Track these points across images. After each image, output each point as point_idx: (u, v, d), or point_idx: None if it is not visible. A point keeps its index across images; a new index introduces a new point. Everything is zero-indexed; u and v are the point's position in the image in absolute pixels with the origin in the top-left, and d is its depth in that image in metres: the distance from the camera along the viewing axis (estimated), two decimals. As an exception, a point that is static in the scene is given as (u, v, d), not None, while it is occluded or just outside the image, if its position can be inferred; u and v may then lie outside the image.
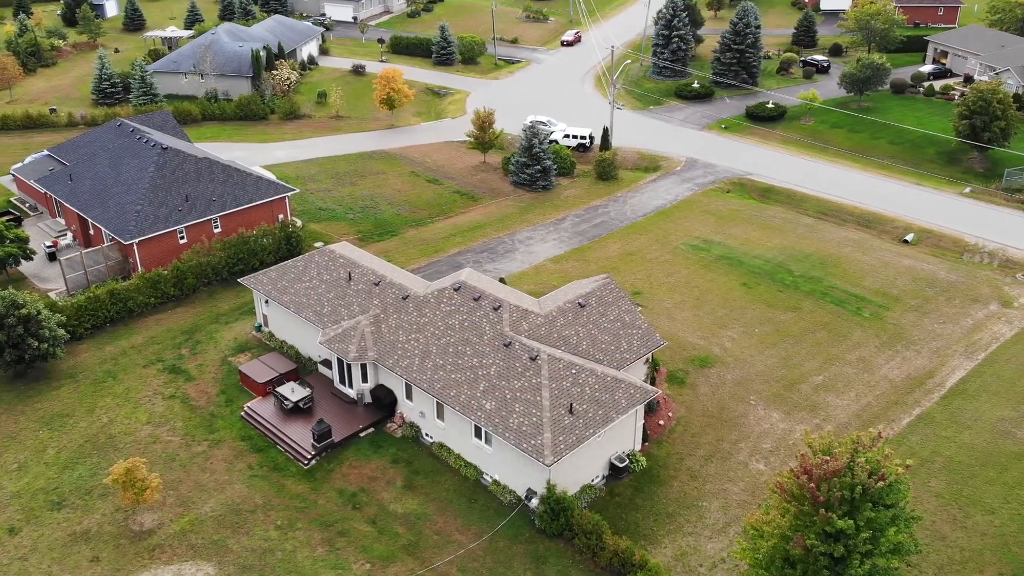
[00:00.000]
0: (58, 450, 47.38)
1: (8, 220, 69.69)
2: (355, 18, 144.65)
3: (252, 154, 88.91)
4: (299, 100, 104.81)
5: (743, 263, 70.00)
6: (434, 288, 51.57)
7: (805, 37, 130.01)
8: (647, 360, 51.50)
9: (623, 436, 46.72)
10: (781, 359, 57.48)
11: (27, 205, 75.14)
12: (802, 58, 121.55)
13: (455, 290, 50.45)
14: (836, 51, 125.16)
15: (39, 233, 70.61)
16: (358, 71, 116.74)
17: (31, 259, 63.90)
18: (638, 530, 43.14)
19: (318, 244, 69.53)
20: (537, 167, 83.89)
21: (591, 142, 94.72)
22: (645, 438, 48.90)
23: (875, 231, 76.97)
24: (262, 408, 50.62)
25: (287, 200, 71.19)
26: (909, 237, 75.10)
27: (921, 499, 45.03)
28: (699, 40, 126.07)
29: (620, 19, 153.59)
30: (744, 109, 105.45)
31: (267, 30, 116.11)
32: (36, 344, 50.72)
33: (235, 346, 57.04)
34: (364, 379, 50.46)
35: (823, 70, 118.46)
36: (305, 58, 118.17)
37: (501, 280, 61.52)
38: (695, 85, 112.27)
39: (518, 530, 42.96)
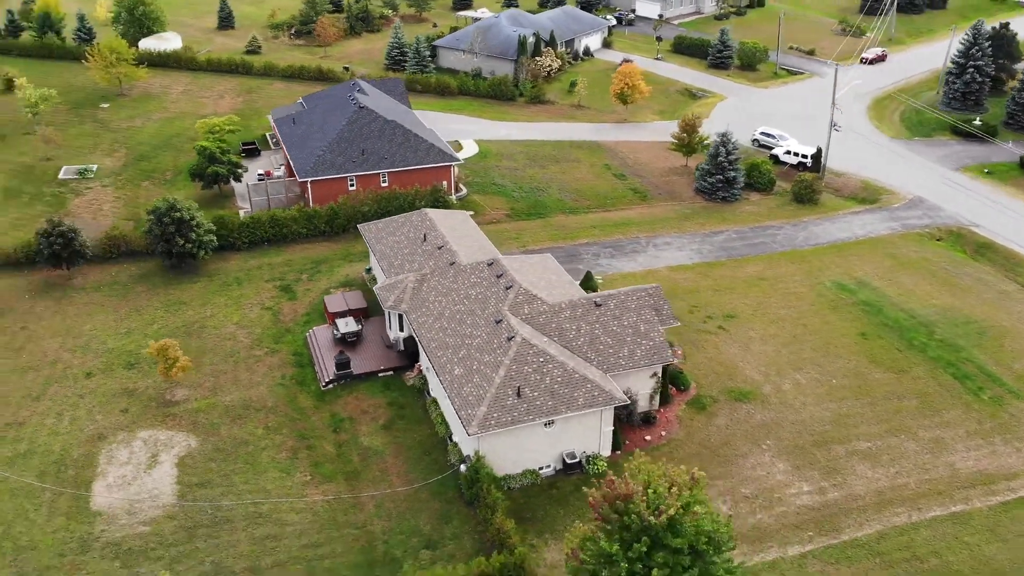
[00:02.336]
0: (160, 327, 58.93)
1: (245, 150, 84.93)
2: (660, 16, 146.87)
3: (477, 128, 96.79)
4: (550, 87, 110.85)
5: (882, 313, 63.26)
6: (475, 260, 54.98)
7: None
8: (654, 374, 50.42)
9: (583, 436, 46.91)
10: (836, 415, 52.38)
11: (273, 141, 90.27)
12: None
13: (488, 265, 53.45)
14: None
15: (266, 163, 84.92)
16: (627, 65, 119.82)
17: (239, 181, 77.72)
18: (549, 525, 43.66)
19: (469, 213, 75.78)
20: (719, 176, 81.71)
21: (813, 162, 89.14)
22: (617, 446, 48.38)
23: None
24: (321, 334, 58.12)
25: (452, 169, 77.92)
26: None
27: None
28: (1012, 74, 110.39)
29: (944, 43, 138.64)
30: (1021, 158, 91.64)
31: (550, 18, 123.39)
32: (182, 243, 62.97)
33: (344, 281, 65.16)
34: (401, 328, 55.71)
35: None
36: (582, 49, 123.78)
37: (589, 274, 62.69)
38: (976, 122, 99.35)
39: (447, 490, 45.69)
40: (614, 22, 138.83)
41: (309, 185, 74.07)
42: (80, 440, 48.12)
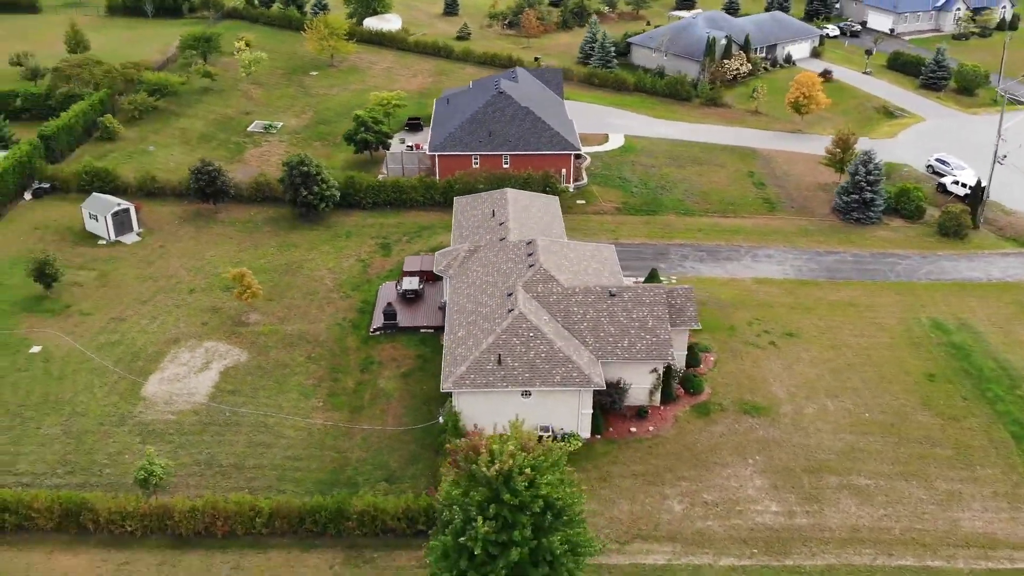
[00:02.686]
0: (266, 262, 67.73)
1: (409, 124, 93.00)
2: (891, 30, 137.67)
3: (637, 123, 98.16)
4: (732, 92, 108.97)
5: (968, 358, 58.25)
6: (518, 239, 57.89)
7: None
8: (654, 370, 50.82)
9: (561, 413, 48.87)
10: (848, 447, 49.94)
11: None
12: None
13: (527, 243, 56.30)
14: None
15: (424, 137, 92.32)
16: (826, 76, 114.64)
17: (387, 148, 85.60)
18: None
19: (580, 202, 78.48)
20: (855, 196, 77.48)
21: (974, 195, 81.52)
22: (597, 430, 49.67)
23: None
24: (388, 288, 64.03)
25: (571, 157, 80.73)
26: None
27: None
28: None
29: None
30: None
31: (752, 23, 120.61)
32: (305, 194, 71.47)
33: (438, 246, 70.47)
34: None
35: None
36: (783, 56, 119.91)
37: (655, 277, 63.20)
38: None
39: (427, 437, 49.75)
40: (831, 31, 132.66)
41: (437, 158, 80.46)
42: (159, 340, 57.62)
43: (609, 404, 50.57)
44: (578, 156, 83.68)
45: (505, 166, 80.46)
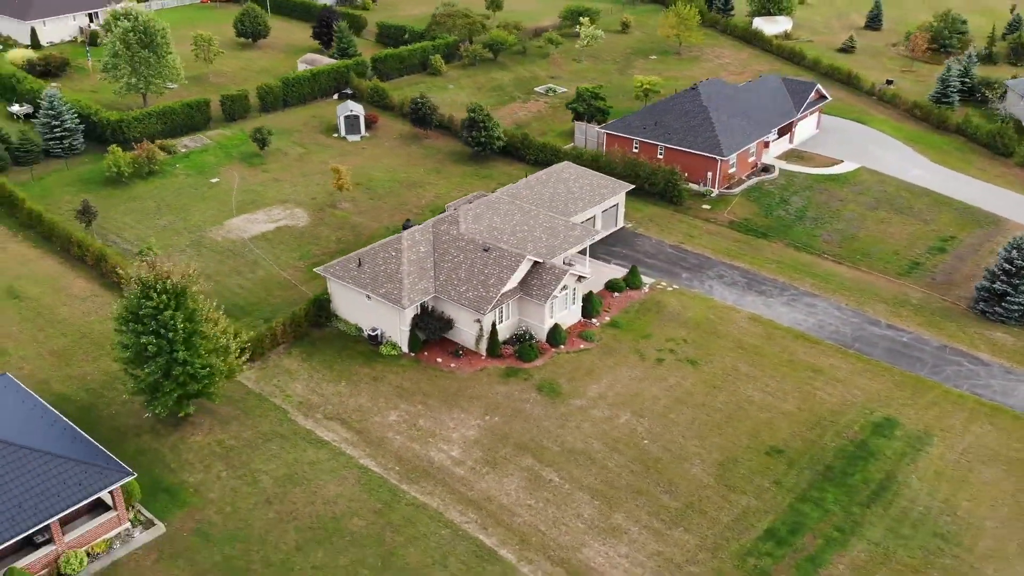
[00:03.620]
0: (404, 174, 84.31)
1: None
2: None
3: (892, 158, 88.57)
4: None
5: (864, 465, 49.28)
6: (502, 196, 64.99)
7: None
8: (477, 320, 55.99)
9: (390, 323, 58.45)
10: (584, 449, 49.25)
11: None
12: None
13: (478, 196, 63.61)
14: None
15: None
16: None
17: (600, 123, 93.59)
18: (318, 347, 57.92)
19: (705, 207, 78.18)
20: (991, 284, 63.23)
21: None
22: (415, 349, 57.17)
23: None
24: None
25: (719, 164, 79.47)
26: None
27: None
28: None
29: None
30: None
31: None
32: (472, 135, 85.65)
33: (536, 205, 79.09)
34: (457, 227, 70.35)
35: None
36: None
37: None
38: None
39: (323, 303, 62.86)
40: None
41: (605, 136, 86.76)
42: (274, 198, 79.28)
43: (429, 333, 57.81)
44: (762, 168, 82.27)
45: (660, 156, 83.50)
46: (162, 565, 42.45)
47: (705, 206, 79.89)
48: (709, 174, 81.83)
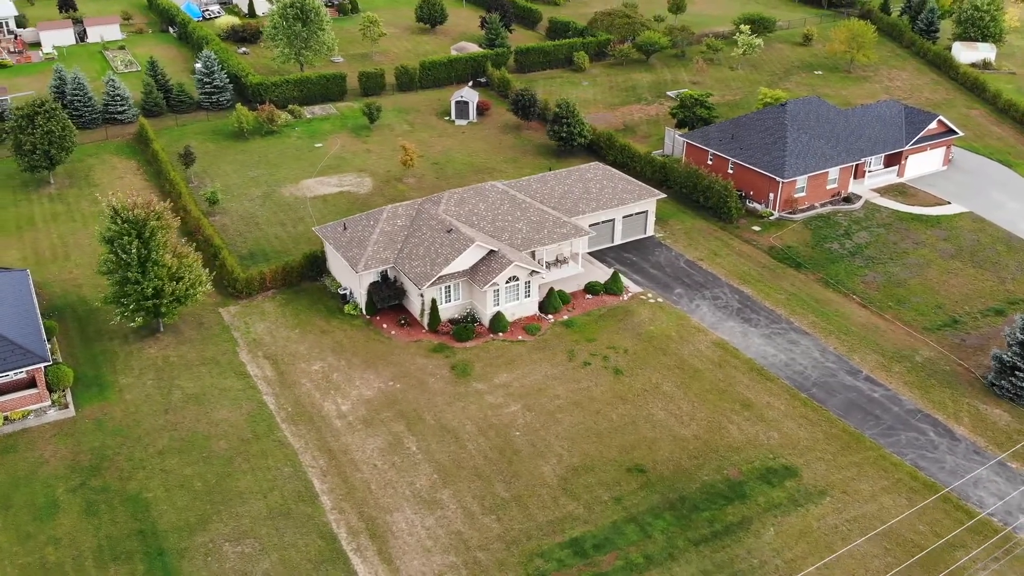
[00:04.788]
0: (484, 156, 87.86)
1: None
2: None
3: (1013, 203, 77.52)
4: None
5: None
6: (504, 187, 66.87)
7: None
8: (421, 295, 58.93)
9: (355, 285, 62.23)
10: (381, 446, 50.81)
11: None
12: None
13: (473, 188, 65.84)
14: None
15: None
16: None
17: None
18: (293, 298, 64.17)
19: (755, 228, 74.36)
20: (1003, 362, 54.91)
21: None
22: (371, 311, 61.37)
23: None
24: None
25: (780, 186, 74.79)
26: None
27: None
28: None
29: None
30: None
31: None
32: (556, 129, 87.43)
33: (587, 203, 79.55)
34: (479, 211, 73.20)
35: None
36: None
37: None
38: None
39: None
40: None
41: (685, 145, 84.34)
42: (355, 166, 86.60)
43: (380, 300, 61.73)
44: (843, 197, 77.03)
45: (730, 171, 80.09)
46: (53, 439, 51.11)
47: (755, 228, 75.93)
48: (771, 195, 77.48)
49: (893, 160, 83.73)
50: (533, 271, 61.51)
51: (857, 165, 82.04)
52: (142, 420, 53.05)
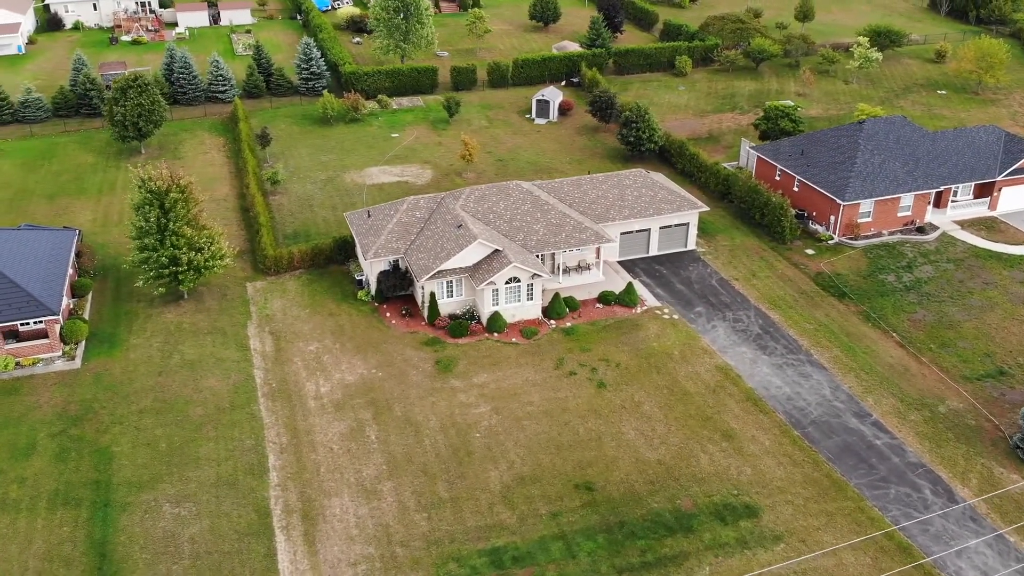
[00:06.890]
0: (546, 161, 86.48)
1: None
2: None
3: None
4: None
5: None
6: (532, 187, 65.81)
7: None
8: (421, 287, 58.82)
9: (369, 274, 63.21)
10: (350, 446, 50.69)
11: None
12: None
13: (493, 185, 65.06)
14: None
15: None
16: None
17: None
18: (312, 283, 65.91)
19: (809, 251, 69.52)
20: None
21: None
22: (380, 298, 62.14)
23: None
24: (540, 203, 78.05)
25: (842, 208, 69.75)
26: None
27: None
28: None
29: None
30: None
31: None
32: (625, 133, 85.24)
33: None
34: (517, 210, 72.44)
35: None
36: None
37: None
38: None
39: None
40: None
41: (756, 159, 79.74)
42: (421, 158, 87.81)
43: (387, 288, 62.22)
44: (916, 227, 71.68)
45: (795, 189, 75.18)
46: (53, 387, 55.07)
47: (809, 251, 71.03)
48: (832, 218, 72.16)
49: (985, 191, 76.07)
50: (535, 274, 60.43)
51: (940, 193, 75.30)
52: (136, 379, 56.32)
